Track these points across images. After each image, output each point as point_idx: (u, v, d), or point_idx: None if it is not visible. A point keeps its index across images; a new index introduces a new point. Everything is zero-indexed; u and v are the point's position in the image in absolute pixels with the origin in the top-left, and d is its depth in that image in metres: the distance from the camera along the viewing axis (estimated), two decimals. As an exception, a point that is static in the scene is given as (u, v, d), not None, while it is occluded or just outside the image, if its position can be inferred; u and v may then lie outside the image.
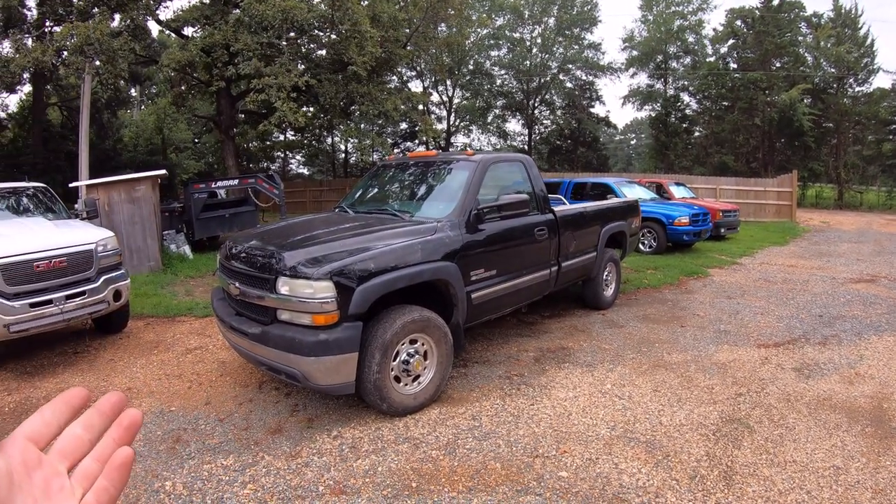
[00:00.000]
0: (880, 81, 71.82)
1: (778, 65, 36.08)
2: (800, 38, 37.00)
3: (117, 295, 6.23)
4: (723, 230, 15.47)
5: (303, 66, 17.67)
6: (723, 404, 4.71)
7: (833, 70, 35.86)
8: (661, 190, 15.77)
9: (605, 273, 7.69)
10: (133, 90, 36.59)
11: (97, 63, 14.37)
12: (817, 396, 4.88)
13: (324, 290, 3.93)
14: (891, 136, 36.57)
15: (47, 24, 15.89)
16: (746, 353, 6.05)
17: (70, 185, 11.53)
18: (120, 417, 0.61)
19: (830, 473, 3.63)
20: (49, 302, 5.57)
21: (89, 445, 0.57)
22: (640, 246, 12.90)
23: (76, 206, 8.19)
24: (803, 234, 18.31)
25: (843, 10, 36.90)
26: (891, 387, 5.12)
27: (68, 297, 5.71)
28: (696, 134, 42.31)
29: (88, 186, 10.52)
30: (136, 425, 0.61)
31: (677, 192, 15.96)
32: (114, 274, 6.27)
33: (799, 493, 3.41)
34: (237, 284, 4.54)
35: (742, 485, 3.49)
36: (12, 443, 0.52)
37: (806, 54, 37.07)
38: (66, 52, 13.89)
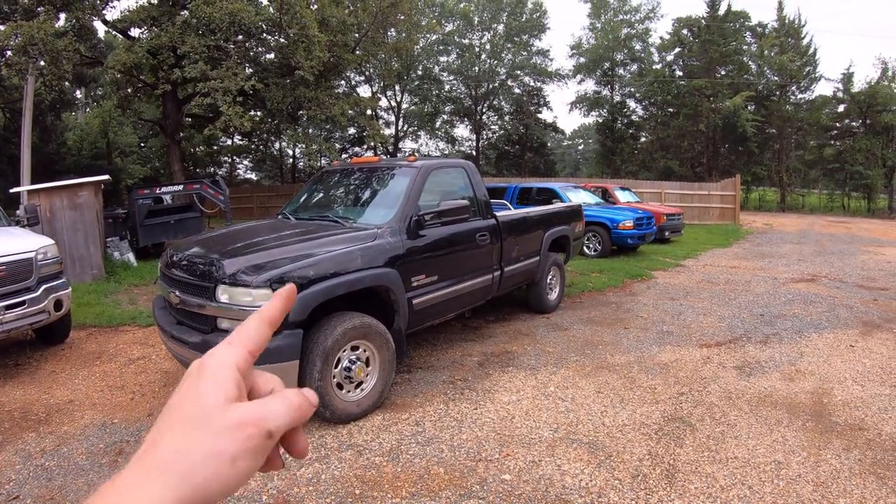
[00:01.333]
0: (822, 89, 74.82)
1: (723, 72, 37.19)
2: (744, 47, 38.22)
3: (58, 304, 6.09)
4: (667, 233, 15.85)
5: (250, 70, 17.50)
6: (665, 404, 4.81)
7: (776, 78, 37.18)
8: (606, 194, 16.05)
9: (549, 277, 7.80)
10: (78, 92, 35.58)
11: (41, 63, 13.98)
12: (758, 394, 5.03)
13: (263, 298, 3.92)
14: (832, 142, 38.04)
15: (-10, 22, 15.39)
16: (689, 353, 6.20)
17: (11, 191, 11.19)
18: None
19: (772, 468, 3.74)
20: None
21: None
22: (585, 249, 13.11)
23: (17, 212, 7.96)
24: (746, 236, 18.86)
25: (787, 21, 38.33)
26: (830, 382, 5.32)
27: (7, 308, 5.56)
28: (643, 139, 43.23)
29: (30, 192, 10.21)
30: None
31: (622, 196, 16.29)
32: (55, 283, 6.12)
33: (741, 488, 3.51)
34: (177, 293, 4.50)
35: (684, 482, 3.57)
36: (218, 354, 0.53)
37: (750, 62, 38.32)
38: (9, 52, 13.46)
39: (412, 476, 3.72)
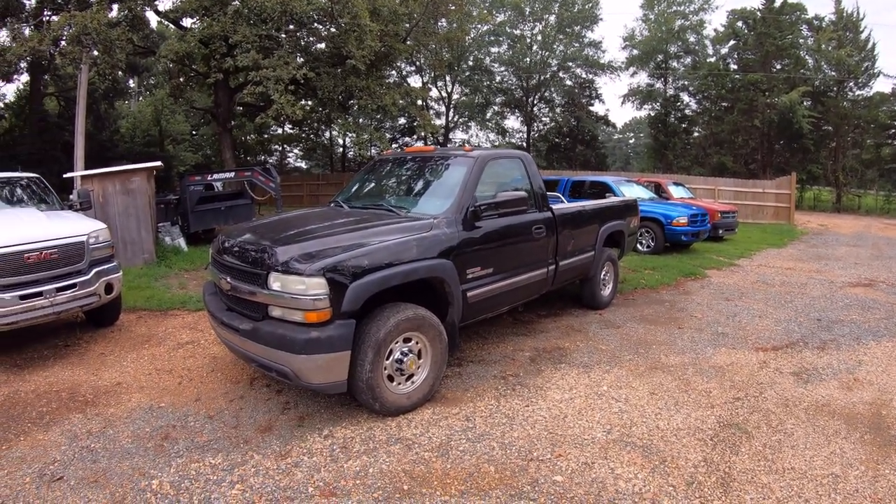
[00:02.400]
0: (881, 86, 72.00)
1: (778, 67, 36.03)
2: (801, 41, 36.91)
3: (109, 288, 6.16)
4: (721, 231, 15.41)
5: (301, 59, 17.62)
6: (720, 408, 4.64)
7: (833, 73, 35.80)
8: (659, 190, 15.70)
9: (603, 272, 7.62)
10: (131, 81, 36.40)
11: (94, 53, 14.27)
12: (816, 402, 4.82)
13: (316, 287, 3.85)
14: (890, 141, 36.53)
15: (45, 13, 15.77)
16: (744, 356, 5.98)
17: (65, 176, 11.42)
18: None
19: (829, 481, 3.57)
20: (39, 294, 5.51)
21: None
22: (638, 246, 12.85)
23: (70, 196, 8.09)
24: (801, 236, 18.29)
25: (844, 14, 36.82)
26: (889, 393, 5.05)
27: (59, 290, 5.65)
28: (696, 134, 42.23)
29: (83, 177, 10.39)
30: None
31: (676, 192, 15.90)
32: (106, 266, 6.20)
33: (797, 501, 3.35)
34: (229, 279, 4.46)
35: (739, 492, 3.43)
36: None
37: (806, 57, 36.99)
38: (63, 42, 13.76)
39: (462, 473, 3.62)
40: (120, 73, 24.58)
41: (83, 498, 3.36)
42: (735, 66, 38.44)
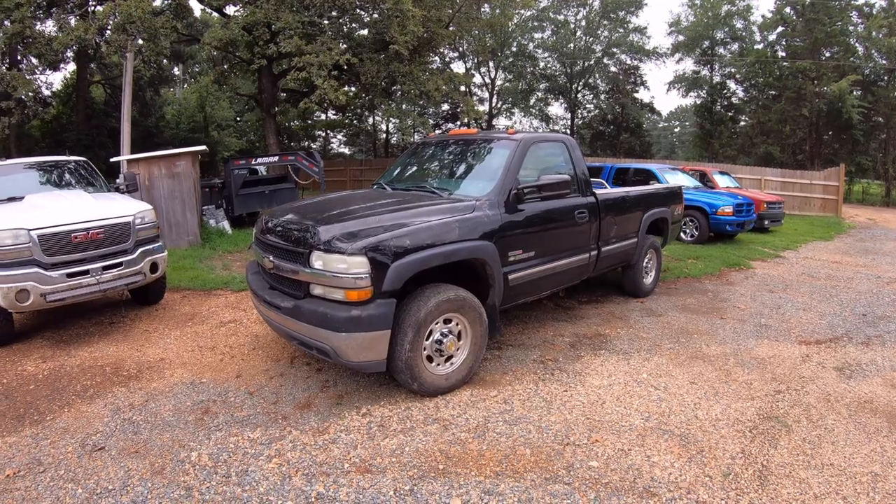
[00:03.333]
0: (935, 75, 68.84)
1: (827, 54, 34.82)
2: (850, 28, 35.50)
3: (154, 267, 6.30)
4: (766, 222, 15.04)
5: (344, 45, 17.64)
6: (761, 401, 4.55)
7: (884, 62, 34.44)
8: (704, 178, 15.37)
9: (646, 260, 7.52)
10: (176, 68, 37.04)
11: (139, 41, 14.54)
12: (858, 398, 4.68)
13: (358, 266, 3.86)
14: (942, 134, 35.07)
15: (90, 2, 16.08)
16: (787, 349, 5.85)
17: (111, 160, 11.68)
18: None
19: (868, 480, 3.47)
20: (86, 272, 5.66)
21: None
22: (682, 234, 12.65)
23: (117, 180, 8.27)
24: (849, 230, 17.74)
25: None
26: (935, 393, 4.88)
27: (105, 268, 5.80)
28: (742, 123, 41.10)
29: (129, 161, 10.63)
30: None
31: (721, 180, 15.55)
32: (151, 246, 6.34)
33: (835, 498, 3.26)
34: (271, 258, 4.51)
35: (777, 486, 3.36)
36: None
37: (857, 44, 35.61)
38: (108, 31, 14.04)
39: (497, 455, 3.63)
40: (164, 60, 25.01)
41: (123, 467, 3.45)
42: (783, 54, 37.24)
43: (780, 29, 37.64)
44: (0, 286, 5.21)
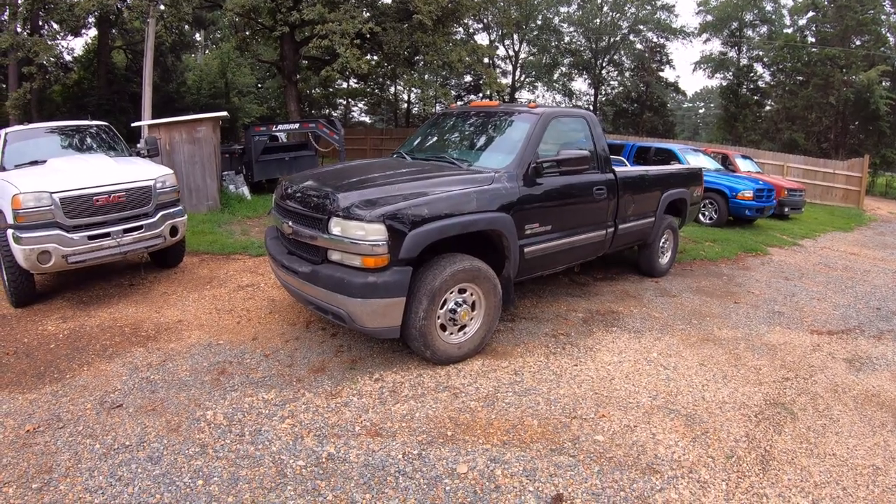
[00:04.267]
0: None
1: (858, 43, 34.01)
2: (882, 17, 34.69)
3: (174, 230, 6.37)
4: (787, 209, 14.87)
5: (367, 14, 17.52)
6: (768, 387, 4.57)
7: (915, 54, 33.71)
8: (726, 161, 15.20)
9: (662, 240, 7.49)
10: (197, 35, 36.98)
11: (161, 7, 14.50)
12: (866, 391, 4.68)
13: (375, 233, 3.90)
14: (971, 131, 34.27)
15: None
16: (798, 337, 5.85)
17: (132, 125, 11.74)
18: None
19: (869, 472, 3.49)
20: (107, 235, 5.74)
21: None
22: (700, 217, 12.56)
23: (138, 145, 8.34)
24: (869, 222, 17.50)
25: (931, -9, 34.56)
26: (943, 392, 4.87)
27: (126, 231, 5.88)
28: (767, 108, 40.45)
29: (150, 126, 10.69)
30: None
31: (743, 165, 15.36)
32: (171, 210, 6.41)
33: (834, 487, 3.30)
34: (290, 224, 4.55)
35: (778, 471, 3.40)
36: None
37: (888, 34, 34.71)
38: (130, -4, 14.06)
39: (505, 424, 3.69)
40: (186, 26, 25.05)
41: (140, 424, 3.55)
42: (812, 39, 36.45)
43: (810, 14, 36.80)
44: (23, 248, 5.29)
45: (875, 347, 5.76)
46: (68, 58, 27.92)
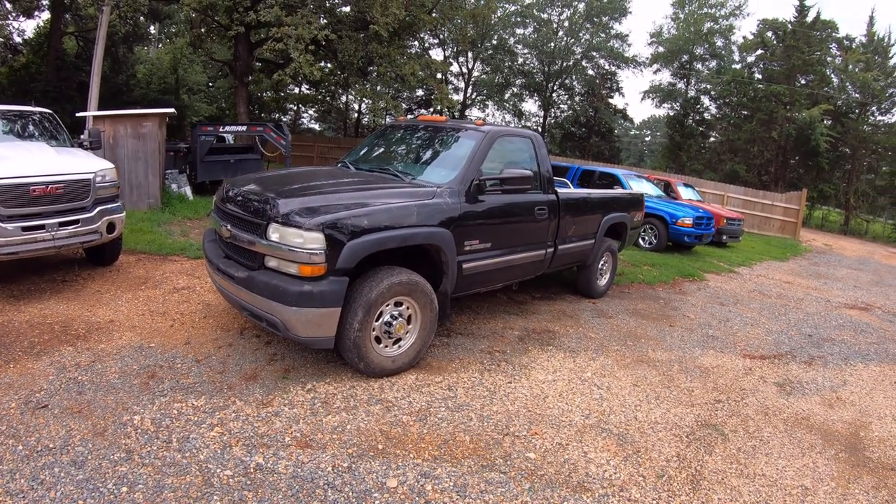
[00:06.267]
0: (903, 114, 70.59)
1: (803, 82, 35.57)
2: (828, 59, 36.32)
3: (111, 227, 6.19)
4: (725, 237, 15.42)
5: (324, 20, 17.46)
6: (700, 408, 4.69)
7: (857, 95, 35.37)
8: (668, 189, 15.64)
9: (601, 262, 7.64)
10: (152, 27, 36.20)
11: (118, -6, 14.18)
12: (795, 414, 4.87)
13: (313, 241, 3.88)
14: (906, 170, 36.15)
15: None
16: (731, 360, 6.04)
17: (77, 115, 11.41)
18: None
19: (798, 493, 3.62)
20: (41, 227, 5.52)
21: None
22: (640, 241, 12.88)
23: (81, 136, 8.10)
24: (804, 253, 18.26)
25: (876, 37, 36.39)
26: (869, 416, 5.09)
27: (61, 224, 5.67)
28: (712, 139, 41.85)
29: (95, 117, 10.40)
30: None
31: (685, 192, 15.85)
32: (110, 206, 6.22)
33: None
34: (229, 227, 4.49)
35: (708, 491, 3.49)
36: None
37: (832, 75, 36.49)
38: (86, -18, 13.69)
39: (437, 440, 3.69)
40: (141, 17, 24.48)
41: (65, 427, 3.42)
42: (759, 76, 37.96)
43: (759, 52, 38.43)
44: (-49, 235, 5.06)
45: (806, 372, 6.00)
46: (18, 40, 27.01)
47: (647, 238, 13.09)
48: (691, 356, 5.99)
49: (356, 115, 42.06)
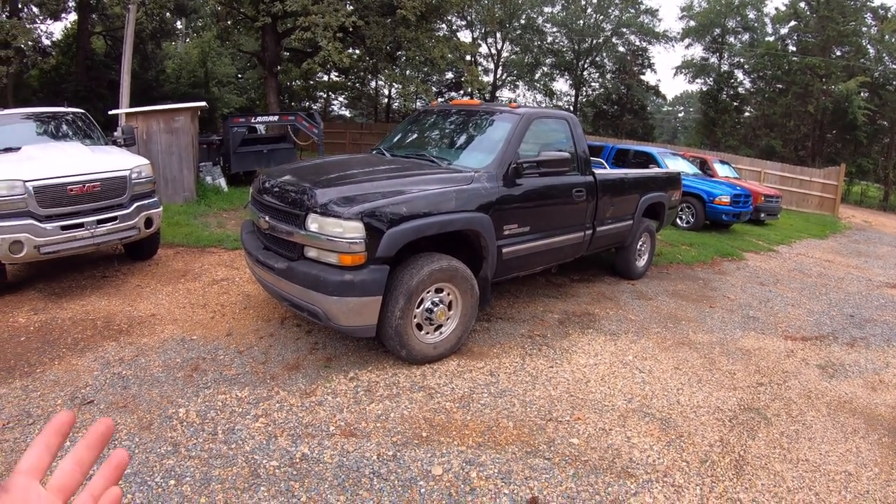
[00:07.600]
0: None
1: (838, 53, 34.54)
2: (864, 29, 35.16)
3: (148, 222, 6.25)
4: (763, 215, 15.06)
5: (351, 7, 17.39)
6: (743, 391, 4.61)
7: (895, 66, 34.27)
8: (704, 166, 15.34)
9: (640, 243, 7.52)
10: (178, 22, 36.45)
11: (143, -8, 14.30)
12: (838, 397, 4.74)
13: (353, 231, 3.86)
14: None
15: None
16: (772, 342, 5.91)
17: (109, 113, 11.54)
18: (110, 458, 0.65)
19: (841, 478, 3.53)
20: (80, 225, 5.60)
21: (81, 478, 0.60)
22: (678, 220, 12.66)
23: (115, 133, 8.19)
24: (844, 230, 17.79)
25: (913, 6, 35.13)
26: (914, 399, 4.95)
27: (100, 222, 5.74)
28: (746, 114, 40.89)
29: (127, 115, 10.51)
30: (123, 465, 0.65)
31: (721, 170, 15.52)
32: (146, 201, 6.28)
33: (807, 493, 3.33)
34: (267, 218, 4.49)
35: (752, 476, 3.42)
36: (15, 481, 0.55)
37: (868, 46, 35.29)
38: (111, -19, 13.82)
39: (481, 426, 3.67)
40: (167, 13, 24.67)
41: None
42: (793, 48, 36.92)
43: (792, 23, 37.32)
44: (-6, 237, 5.14)
45: (848, 354, 5.84)
46: (47, 42, 27.49)
47: (684, 217, 12.86)
48: (732, 338, 5.88)
49: (386, 100, 41.96)
